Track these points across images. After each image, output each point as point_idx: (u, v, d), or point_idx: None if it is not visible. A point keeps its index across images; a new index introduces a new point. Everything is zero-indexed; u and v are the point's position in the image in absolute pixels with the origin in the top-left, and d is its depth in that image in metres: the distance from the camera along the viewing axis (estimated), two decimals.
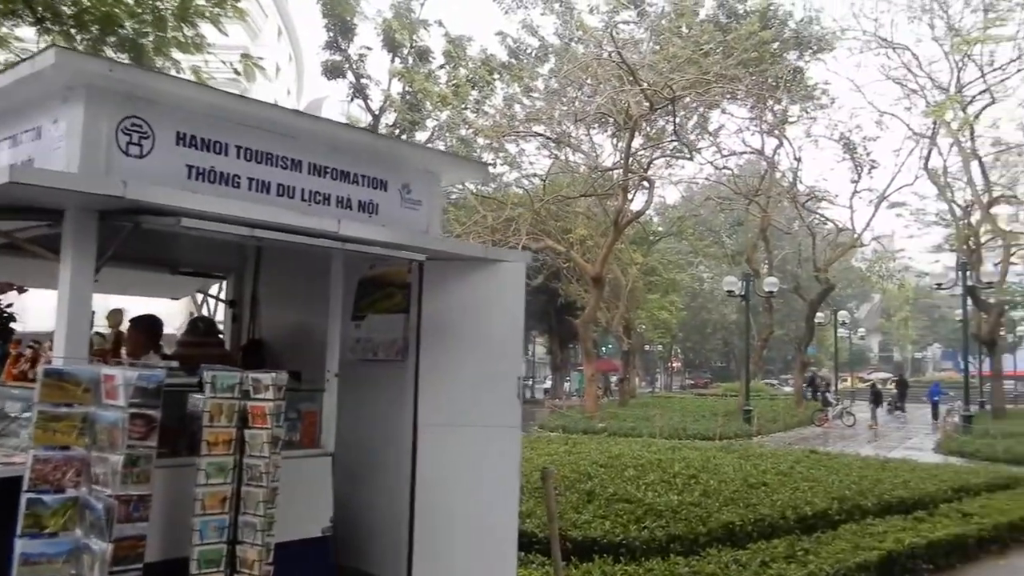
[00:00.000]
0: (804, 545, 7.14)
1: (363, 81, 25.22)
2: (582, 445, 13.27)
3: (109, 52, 8.25)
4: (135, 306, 6.39)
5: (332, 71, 25.11)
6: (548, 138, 26.58)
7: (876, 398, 31.31)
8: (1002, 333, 32.06)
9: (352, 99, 25.86)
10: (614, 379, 50.75)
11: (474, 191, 28.74)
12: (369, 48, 25.15)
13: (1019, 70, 25.84)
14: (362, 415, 5.59)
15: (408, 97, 25.45)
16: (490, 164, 28.15)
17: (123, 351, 5.42)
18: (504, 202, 26.12)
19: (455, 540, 5.19)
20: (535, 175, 29.53)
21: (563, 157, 28.08)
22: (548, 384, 57.25)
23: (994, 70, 26.33)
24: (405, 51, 25.00)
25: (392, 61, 25.14)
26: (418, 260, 4.93)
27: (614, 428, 22.36)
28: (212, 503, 3.91)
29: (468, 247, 5.75)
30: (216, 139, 4.31)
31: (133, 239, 3.98)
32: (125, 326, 5.53)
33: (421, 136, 31.31)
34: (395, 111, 24.75)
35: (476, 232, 26.24)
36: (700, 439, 21.48)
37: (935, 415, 30.72)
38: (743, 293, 25.72)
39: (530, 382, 56.04)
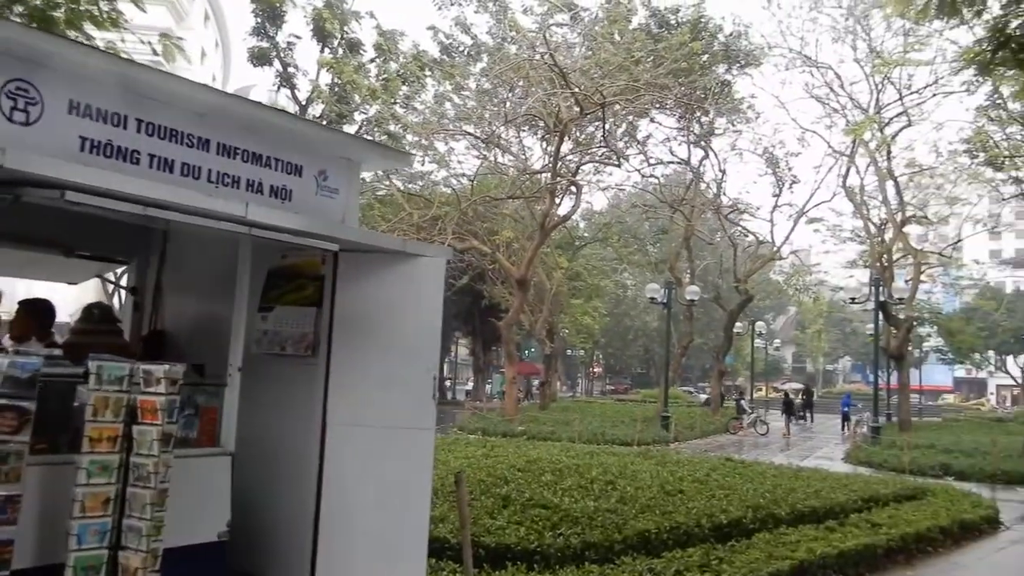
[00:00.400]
0: (719, 554, 7.10)
1: (290, 70, 24.58)
2: (500, 448, 13.10)
3: None
4: (37, 291, 5.98)
5: (259, 58, 24.39)
6: (478, 138, 26.41)
7: (788, 407, 32.11)
8: (909, 348, 33.22)
9: (279, 88, 25.19)
10: (536, 382, 50.89)
11: (401, 188, 28.36)
12: (298, 37, 24.53)
13: (934, 94, 26.78)
14: (267, 413, 5.28)
15: (337, 89, 24.90)
16: (417, 159, 27.83)
17: (5, 337, 5.02)
18: (431, 200, 25.84)
19: (362, 546, 4.95)
20: (463, 175, 29.36)
21: (492, 158, 27.95)
22: (470, 386, 57.07)
23: (911, 93, 27.27)
24: (335, 42, 24.45)
25: (321, 51, 24.57)
26: (332, 250, 4.67)
27: (533, 432, 22.29)
28: (93, 505, 3.59)
29: (386, 239, 5.50)
30: (115, 111, 3.99)
31: (15, 214, 3.63)
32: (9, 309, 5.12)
33: (349, 130, 30.79)
34: (323, 102, 24.17)
35: (401, 229, 25.86)
36: (619, 444, 21.56)
37: (844, 426, 31.69)
38: (665, 301, 26.01)
39: (449, 383, 55.76)
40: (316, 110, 25.99)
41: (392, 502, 4.96)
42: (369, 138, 21.76)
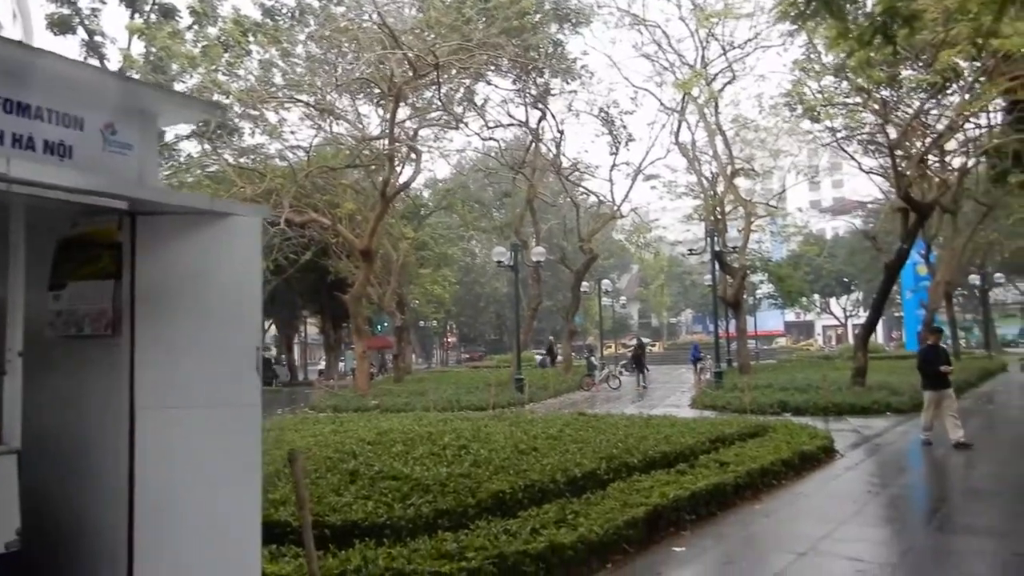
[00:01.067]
0: (574, 507, 7.00)
1: (97, 38, 22.68)
2: (351, 423, 12.63)
3: None
4: None
5: (59, 25, 22.39)
6: (311, 106, 25.34)
7: (638, 362, 33.05)
8: (744, 296, 34.90)
9: (86, 58, 23.20)
10: (390, 356, 50.21)
11: (231, 163, 26.92)
12: (104, 1, 22.66)
13: (755, 48, 27.86)
14: (66, 403, 4.66)
15: (152, 58, 23.19)
16: (247, 131, 26.49)
17: None
18: (264, 174, 24.62)
19: (185, 540, 4.42)
20: (299, 147, 28.17)
21: (328, 128, 26.95)
22: (323, 365, 55.73)
23: (734, 48, 28.28)
24: (146, 7, 22.74)
25: (131, 17, 22.79)
26: (118, 209, 4.08)
27: (387, 405, 21.83)
28: None
29: (190, 197, 4.93)
30: None
31: None
32: None
33: None
34: (136, 72, 22.44)
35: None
36: (473, 410, 21.43)
37: (697, 373, 32.82)
38: (512, 264, 25.99)
39: (280, 362, 54.18)
40: None
41: (217, 487, 4.46)
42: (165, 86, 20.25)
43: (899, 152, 19.44)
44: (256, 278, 4.77)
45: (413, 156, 24.84)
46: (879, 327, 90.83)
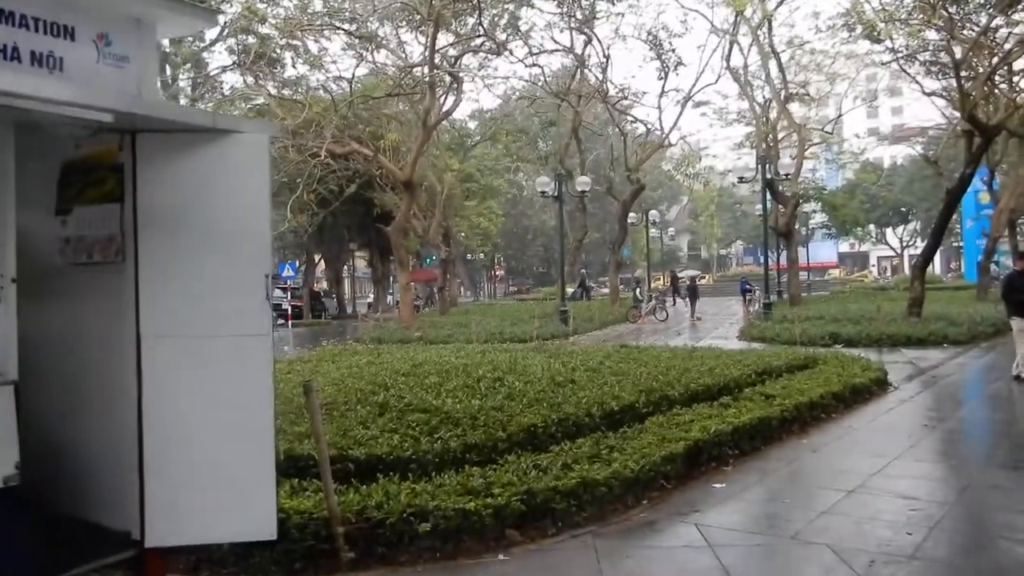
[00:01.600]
0: (609, 442, 6.72)
1: None
2: (388, 355, 12.48)
3: None
4: None
5: None
6: (351, 34, 24.81)
7: (692, 293, 32.50)
8: (796, 226, 33.98)
9: None
10: (437, 289, 50.26)
11: (273, 93, 26.66)
12: None
13: None
14: (74, 333, 4.49)
15: None
16: (288, 61, 26.10)
17: None
18: (304, 104, 24.28)
19: (197, 471, 4.24)
20: (341, 77, 27.76)
21: (370, 57, 26.41)
22: (371, 298, 56.13)
23: None
24: None
25: None
26: (106, 123, 3.77)
27: (431, 337, 21.79)
28: None
29: (190, 112, 4.60)
30: None
31: None
32: None
33: (211, 34, 28.58)
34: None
35: (276, 138, 24.36)
36: (517, 342, 21.29)
37: (745, 305, 32.15)
38: (556, 194, 25.40)
39: (330, 296, 54.63)
40: None
41: (227, 419, 4.26)
42: None
43: (964, 72, 18.26)
44: (264, 201, 4.47)
45: (455, 84, 24.21)
46: (937, 258, 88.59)
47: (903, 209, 69.73)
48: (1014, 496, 6.57)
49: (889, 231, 77.35)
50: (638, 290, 34.34)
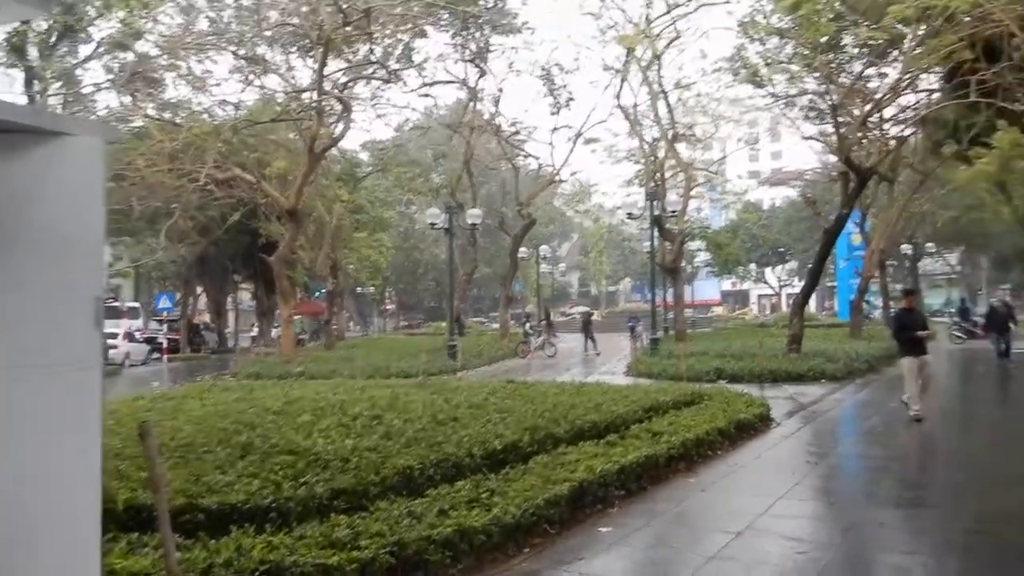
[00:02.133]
0: (491, 485, 6.31)
1: None
2: (261, 391, 11.76)
3: None
4: None
5: None
6: (239, 56, 23.94)
7: (586, 328, 32.55)
8: (683, 264, 34.71)
9: None
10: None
11: (153, 115, 25.45)
12: None
13: (700, 6, 27.06)
14: None
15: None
16: (169, 80, 25.01)
17: None
18: (184, 127, 23.21)
19: (9, 530, 3.62)
20: (226, 101, 26.76)
21: (258, 81, 25.56)
22: (255, 332, 54.13)
23: (678, 6, 27.42)
24: None
25: None
26: None
27: (312, 372, 20.95)
28: None
29: (11, 108, 3.96)
30: None
31: None
32: None
33: (85, 49, 27.16)
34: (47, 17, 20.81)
35: (153, 161, 23.19)
36: (402, 377, 20.72)
37: (633, 340, 32.39)
38: (447, 226, 25.02)
39: (211, 328, 52.58)
40: (41, 24, 22.50)
41: (45, 468, 3.65)
42: None
43: (841, 118, 19.01)
44: (97, 215, 3.90)
45: (345, 111, 23.60)
46: (813, 296, 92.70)
47: (781, 249, 72.61)
48: (898, 536, 6.51)
49: (768, 270, 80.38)
50: (528, 325, 34.24)
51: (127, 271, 45.21)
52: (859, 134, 19.57)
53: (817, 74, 18.50)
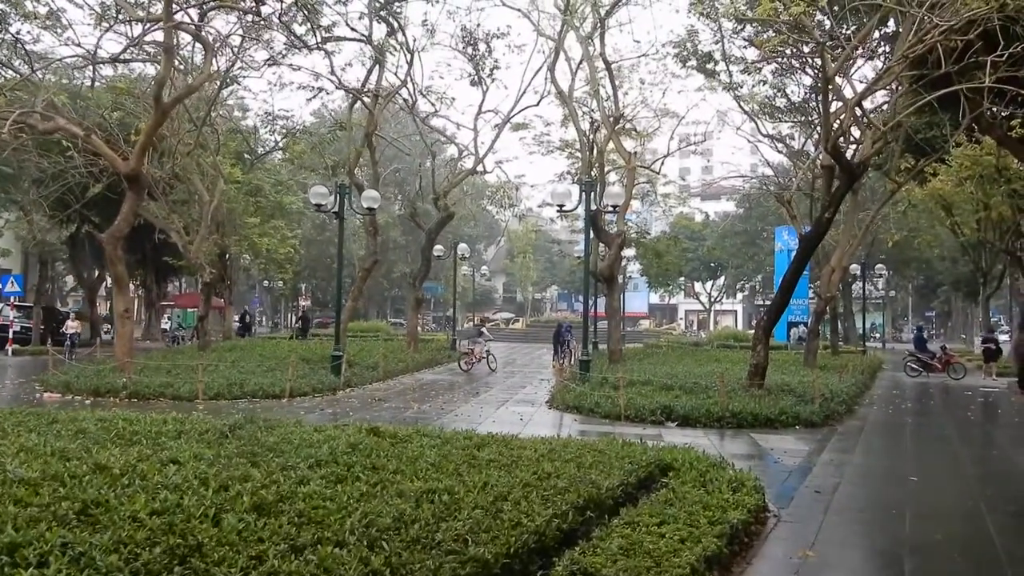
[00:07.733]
0: None
1: None
2: None
3: None
4: None
5: None
6: None
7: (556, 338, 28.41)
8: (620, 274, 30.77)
9: None
10: (238, 319, 43.22)
11: None
12: None
13: None
14: None
15: None
16: None
17: None
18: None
19: None
20: (77, 43, 21.56)
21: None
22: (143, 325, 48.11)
23: None
24: None
25: None
26: None
27: (141, 386, 15.99)
28: None
29: None
30: None
31: None
32: None
33: None
34: None
35: None
36: (264, 397, 16.08)
37: (557, 355, 28.13)
38: (336, 209, 20.11)
39: (83, 318, 46.49)
40: None
41: None
42: None
43: (831, 97, 15.04)
44: None
45: (206, 53, 18.60)
46: (739, 313, 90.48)
47: (712, 264, 69.72)
48: None
49: (698, 284, 77.63)
50: (461, 337, 29.73)
51: (5, 249, 39.21)
52: (850, 118, 15.64)
53: (813, 40, 14.40)
